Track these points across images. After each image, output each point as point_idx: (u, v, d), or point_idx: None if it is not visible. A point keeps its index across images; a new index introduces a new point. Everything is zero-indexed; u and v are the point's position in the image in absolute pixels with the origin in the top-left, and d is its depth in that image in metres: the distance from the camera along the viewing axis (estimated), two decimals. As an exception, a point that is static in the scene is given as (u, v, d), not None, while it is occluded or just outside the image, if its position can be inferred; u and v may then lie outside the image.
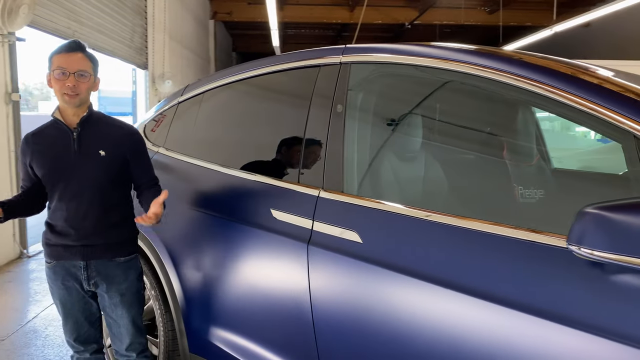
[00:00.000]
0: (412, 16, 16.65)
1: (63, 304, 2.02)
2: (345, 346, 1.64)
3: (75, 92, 1.87)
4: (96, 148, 1.95)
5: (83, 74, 1.88)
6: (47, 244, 2.00)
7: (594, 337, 1.12)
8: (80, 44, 1.92)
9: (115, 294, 2.02)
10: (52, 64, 1.90)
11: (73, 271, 1.98)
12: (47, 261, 2.02)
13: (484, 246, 1.37)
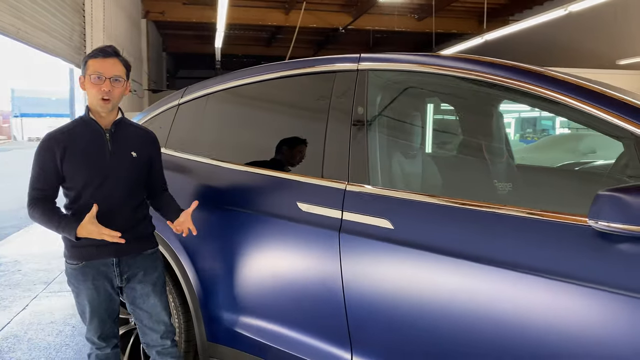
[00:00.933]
0: (346, 21, 17.10)
1: (91, 303, 2.05)
2: (376, 324, 1.85)
3: (109, 96, 1.95)
4: (128, 149, 2.04)
5: (118, 79, 1.96)
6: (74, 246, 2.00)
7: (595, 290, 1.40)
8: (116, 50, 2.00)
9: (147, 284, 2.10)
10: (88, 68, 1.96)
11: (103, 270, 2.03)
12: (73, 263, 2.03)
13: (506, 225, 1.62)
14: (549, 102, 1.70)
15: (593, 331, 1.43)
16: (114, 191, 2.01)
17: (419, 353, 1.77)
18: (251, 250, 2.20)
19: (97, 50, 1.98)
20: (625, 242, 1.40)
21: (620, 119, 1.53)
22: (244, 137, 2.50)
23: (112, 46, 2.02)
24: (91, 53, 1.99)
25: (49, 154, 1.96)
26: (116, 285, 2.08)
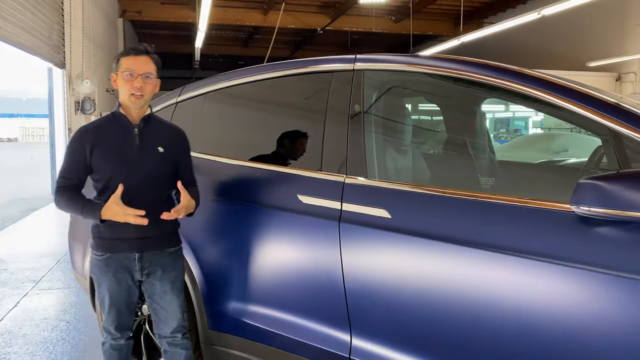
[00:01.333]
0: (324, 22, 17.25)
1: (111, 294, 2.13)
2: (375, 308, 1.98)
3: (141, 92, 2.04)
4: (155, 145, 2.12)
5: (149, 76, 2.06)
6: (100, 237, 2.10)
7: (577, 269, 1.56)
8: (147, 48, 2.09)
9: (166, 282, 2.18)
10: (120, 65, 2.05)
11: (126, 263, 2.11)
12: (98, 254, 2.12)
13: (496, 212, 1.77)
14: (536, 101, 1.86)
15: (576, 305, 1.58)
16: (141, 185, 2.08)
17: (415, 334, 1.90)
18: (253, 241, 2.31)
19: (130, 49, 2.08)
20: (604, 225, 1.56)
21: (599, 116, 1.69)
22: (244, 134, 2.61)
23: (144, 44, 2.11)
24: (124, 51, 2.10)
25: (79, 146, 2.06)
26: (136, 278, 2.16)
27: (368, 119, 2.17)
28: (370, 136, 2.15)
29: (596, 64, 12.12)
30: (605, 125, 1.69)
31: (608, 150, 2.03)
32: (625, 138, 1.71)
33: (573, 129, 11.40)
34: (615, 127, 1.67)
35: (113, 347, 2.22)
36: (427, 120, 2.43)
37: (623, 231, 1.53)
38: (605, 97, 1.75)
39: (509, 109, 16.35)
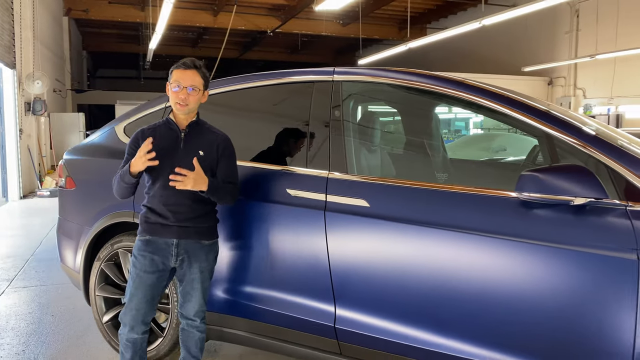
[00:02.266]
0: (275, 24, 17.53)
1: (140, 273, 2.36)
2: (356, 283, 2.35)
3: (185, 102, 2.33)
4: (197, 148, 2.39)
5: (194, 88, 2.34)
6: (146, 221, 2.41)
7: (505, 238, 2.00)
8: (196, 63, 2.36)
9: (195, 270, 2.44)
10: (171, 77, 2.36)
11: (164, 247, 2.38)
12: (142, 235, 2.41)
13: (456, 199, 2.18)
14: (485, 109, 2.28)
15: (518, 270, 2.02)
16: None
17: (390, 303, 2.28)
18: (248, 230, 2.62)
19: (181, 63, 2.36)
20: (540, 208, 2.00)
21: (536, 122, 2.14)
22: (237, 136, 2.91)
23: (193, 59, 2.38)
24: (176, 64, 2.38)
25: (134, 144, 2.41)
26: (170, 265, 2.41)
27: (347, 123, 2.54)
28: (349, 137, 2.52)
29: (530, 69, 13.06)
30: (540, 128, 2.14)
31: (542, 148, 2.50)
32: (555, 139, 2.16)
33: (510, 129, 12.27)
34: (547, 130, 2.12)
35: (129, 340, 2.43)
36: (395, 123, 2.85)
37: (554, 211, 1.97)
38: (540, 106, 2.21)
39: (451, 110, 17.22)
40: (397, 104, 3.11)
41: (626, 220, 1.88)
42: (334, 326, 2.42)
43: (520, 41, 13.98)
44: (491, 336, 2.09)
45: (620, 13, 11.02)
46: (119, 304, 3.10)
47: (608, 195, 1.89)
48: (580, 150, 2.06)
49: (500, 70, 13.44)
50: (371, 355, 2.36)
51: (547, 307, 1.98)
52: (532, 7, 8.38)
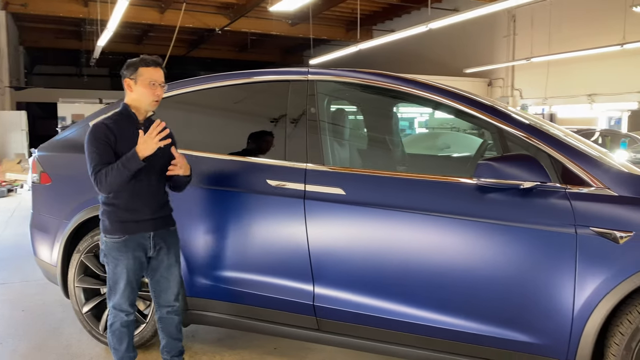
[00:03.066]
0: (223, 22, 17.51)
1: (128, 272, 2.47)
2: (333, 263, 2.60)
3: (159, 99, 2.46)
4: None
5: (163, 85, 2.48)
6: (120, 221, 2.44)
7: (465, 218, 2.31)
8: (160, 61, 2.48)
9: (172, 255, 2.59)
10: (142, 74, 2.41)
11: (142, 242, 2.48)
12: (117, 237, 2.44)
13: (422, 185, 2.47)
14: (449, 108, 2.59)
15: (475, 245, 2.33)
16: (151, 175, 2.48)
17: (364, 280, 2.55)
18: (229, 218, 2.81)
19: (150, 60, 2.44)
20: (494, 191, 2.32)
21: (489, 117, 2.46)
22: (218, 131, 3.09)
23: (158, 57, 2.49)
24: (143, 62, 2.44)
25: (104, 139, 2.37)
26: (149, 255, 2.53)
27: (322, 119, 2.78)
28: (324, 132, 2.76)
29: (471, 70, 13.77)
30: (492, 123, 2.47)
31: (495, 140, 2.84)
32: (505, 132, 2.49)
33: (453, 128, 12.92)
34: (499, 125, 2.46)
35: (123, 324, 2.54)
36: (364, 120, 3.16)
37: (506, 194, 2.30)
38: (497, 106, 2.54)
39: (398, 110, 17.82)
40: (365, 101, 3.37)
41: (566, 200, 2.23)
42: (312, 304, 2.66)
43: (461, 44, 14.69)
44: (454, 305, 2.39)
45: (552, 19, 11.85)
46: (99, 294, 3.20)
47: (551, 179, 2.23)
48: (526, 141, 2.40)
49: (443, 72, 14.07)
50: (346, 328, 2.62)
51: (502, 276, 2.31)
52: (476, 13, 8.92)
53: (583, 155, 2.33)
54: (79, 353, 3.12)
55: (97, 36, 15.84)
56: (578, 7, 11.40)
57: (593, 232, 2.16)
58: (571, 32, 11.74)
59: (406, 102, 2.97)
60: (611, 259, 2.14)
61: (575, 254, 2.19)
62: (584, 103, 12.24)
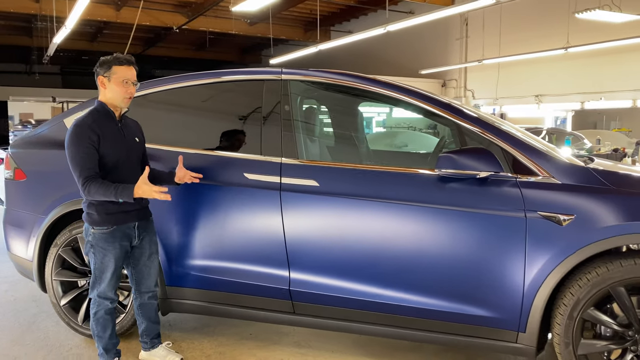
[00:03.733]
0: (180, 21, 17.36)
1: (116, 261, 2.60)
2: (307, 250, 2.79)
3: (131, 96, 2.59)
4: (133, 136, 2.67)
5: (136, 84, 2.60)
6: (108, 213, 2.56)
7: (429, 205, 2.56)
8: (133, 60, 2.60)
9: (153, 244, 2.76)
10: (115, 72, 2.53)
11: (127, 232, 2.63)
12: (104, 228, 2.56)
13: (389, 177, 2.70)
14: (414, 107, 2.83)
15: (436, 230, 2.58)
16: (133, 168, 2.62)
17: (336, 264, 2.75)
18: (208, 210, 2.96)
19: (123, 59, 2.55)
20: (453, 181, 2.57)
21: (449, 115, 2.72)
22: (197, 128, 3.22)
23: (132, 56, 2.62)
24: (117, 60, 2.54)
25: (88, 139, 2.47)
26: (133, 244, 2.68)
27: (295, 116, 2.97)
28: (298, 128, 2.95)
29: (426, 72, 14.23)
30: (453, 120, 2.73)
31: (454, 135, 3.11)
32: (463, 128, 2.76)
33: (410, 127, 13.34)
34: (458, 121, 2.71)
35: (107, 312, 2.68)
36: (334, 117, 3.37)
37: (464, 183, 2.55)
38: (452, 102, 2.79)
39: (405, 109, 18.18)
40: (335, 100, 3.58)
41: (516, 188, 2.51)
42: (289, 289, 2.84)
43: (417, 46, 15.15)
44: (419, 284, 2.64)
45: (502, 23, 12.42)
46: (76, 287, 3.28)
47: (503, 169, 2.51)
48: (481, 136, 2.66)
49: (400, 73, 14.47)
50: (320, 310, 2.82)
51: (462, 258, 2.56)
52: (432, 16, 9.30)
53: (531, 148, 2.61)
54: (57, 344, 3.19)
55: (49, 33, 15.42)
56: (526, 12, 12.00)
57: (540, 216, 2.45)
58: (520, 36, 12.35)
59: (375, 102, 3.19)
60: (555, 240, 2.43)
61: (525, 236, 2.46)
62: (532, 103, 12.89)
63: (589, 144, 9.93)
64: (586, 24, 9.73)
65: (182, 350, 3.07)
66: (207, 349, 3.14)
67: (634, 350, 2.39)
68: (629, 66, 10.84)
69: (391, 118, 14.43)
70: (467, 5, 8.83)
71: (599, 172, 2.53)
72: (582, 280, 2.41)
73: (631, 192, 2.44)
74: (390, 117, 13.64)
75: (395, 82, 2.98)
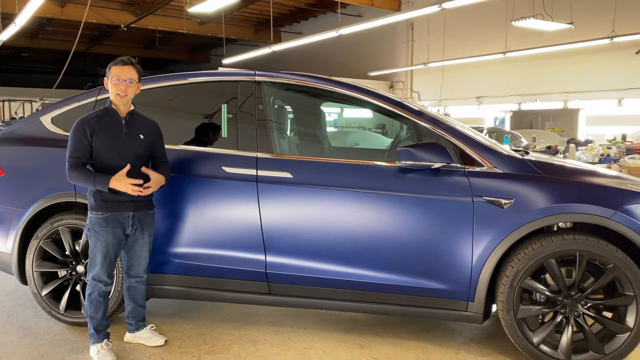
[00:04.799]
0: (128, 19, 17.15)
1: (107, 245, 2.82)
2: (282, 235, 3.09)
3: (125, 93, 2.79)
4: (137, 133, 2.87)
5: (131, 81, 2.81)
6: (103, 200, 2.78)
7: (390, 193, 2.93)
8: (131, 60, 2.82)
9: (146, 235, 2.97)
10: (111, 72, 2.78)
11: (121, 220, 2.84)
12: (99, 214, 2.79)
13: (355, 168, 3.04)
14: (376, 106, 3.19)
15: (396, 214, 2.95)
16: (130, 162, 2.80)
17: (308, 248, 3.06)
18: (189, 201, 3.19)
19: (119, 60, 2.81)
20: (411, 172, 2.94)
21: (406, 114, 3.09)
22: (176, 125, 3.44)
23: (129, 57, 2.84)
24: (114, 62, 2.81)
25: (82, 132, 2.75)
26: (127, 233, 2.89)
27: (269, 114, 3.26)
28: (272, 125, 3.25)
29: (374, 73, 14.79)
30: (411, 119, 3.10)
31: (411, 131, 3.49)
32: (419, 125, 3.13)
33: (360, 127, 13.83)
34: (415, 120, 3.09)
35: (101, 294, 2.89)
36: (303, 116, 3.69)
37: (420, 173, 2.93)
38: (411, 103, 3.17)
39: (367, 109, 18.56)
40: (303, 100, 3.88)
41: (465, 177, 2.90)
42: (265, 272, 3.13)
43: (366, 48, 15.68)
44: (382, 263, 2.99)
45: (446, 28, 13.11)
46: (57, 277, 3.43)
47: (454, 161, 2.90)
48: (435, 132, 3.05)
49: (350, 74, 14.93)
50: (294, 290, 3.13)
51: (419, 238, 2.94)
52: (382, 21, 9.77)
53: (477, 142, 3.02)
54: (41, 332, 3.33)
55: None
56: (468, 19, 12.72)
57: (485, 201, 2.85)
58: (462, 41, 13.08)
59: (342, 103, 3.53)
60: (498, 221, 2.84)
61: (473, 218, 2.86)
62: (474, 104, 13.68)
63: (525, 142, 10.70)
64: (522, 30, 10.49)
65: (163, 332, 3.29)
66: (187, 330, 3.37)
67: (563, 312, 2.84)
68: (560, 70, 11.76)
69: (342, 118, 14.87)
70: (413, 12, 9.36)
71: (533, 163, 2.97)
72: (520, 255, 2.83)
73: (559, 179, 2.89)
74: (342, 117, 14.06)
75: (363, 85, 3.32)
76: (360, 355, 3.04)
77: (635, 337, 2.78)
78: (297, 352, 3.08)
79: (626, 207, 2.75)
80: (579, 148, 8.68)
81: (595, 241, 2.76)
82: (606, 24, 9.83)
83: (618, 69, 10.80)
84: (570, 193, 2.83)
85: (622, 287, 2.78)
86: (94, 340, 2.93)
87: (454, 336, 3.33)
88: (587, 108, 11.79)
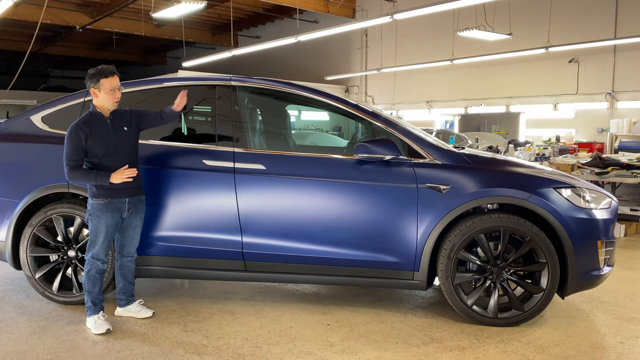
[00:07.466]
0: (83, 20, 17.10)
1: (107, 228, 3.23)
2: (256, 219, 3.58)
3: (118, 100, 3.23)
4: (122, 126, 3.29)
5: (119, 88, 3.24)
6: (104, 188, 3.20)
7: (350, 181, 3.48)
8: (114, 69, 3.23)
9: (139, 218, 3.39)
10: (103, 84, 3.18)
11: (119, 205, 3.26)
12: (100, 200, 3.21)
13: (319, 161, 3.57)
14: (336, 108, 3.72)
15: (354, 199, 3.49)
16: (121, 156, 3.25)
17: (279, 229, 3.56)
18: (173, 191, 3.63)
19: (108, 72, 3.21)
20: (368, 163, 3.49)
21: (362, 114, 3.65)
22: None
23: (112, 66, 3.25)
24: (103, 74, 3.19)
25: (77, 137, 3.15)
26: (123, 216, 3.31)
27: (244, 114, 3.75)
28: (246, 124, 3.73)
29: (331, 78, 15.39)
30: (366, 119, 3.66)
31: (367, 130, 4.05)
32: (374, 124, 3.69)
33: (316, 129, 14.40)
34: (370, 120, 3.65)
35: (98, 271, 3.31)
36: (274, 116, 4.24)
37: (375, 165, 3.49)
38: (367, 106, 3.73)
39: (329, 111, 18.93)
40: (274, 102, 4.38)
41: (411, 168, 3.48)
42: (241, 251, 3.61)
43: (323, 54, 16.28)
44: (344, 241, 3.52)
45: (398, 36, 13.86)
46: (49, 261, 3.78)
47: (402, 154, 3.47)
48: (387, 130, 3.61)
49: (307, 78, 15.48)
50: (267, 267, 3.62)
51: (373, 218, 3.49)
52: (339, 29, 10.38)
53: (421, 139, 3.61)
54: (36, 310, 3.68)
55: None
56: (418, 28, 13.51)
57: (427, 187, 3.43)
58: (413, 48, 13.87)
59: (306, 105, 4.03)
60: (438, 203, 3.43)
61: (417, 201, 3.44)
62: (424, 108, 14.50)
63: (470, 142, 11.54)
64: (467, 40, 11.32)
65: (149, 307, 3.70)
66: (171, 305, 3.80)
67: (491, 278, 3.46)
68: (502, 77, 12.70)
69: (300, 120, 15.40)
70: (367, 22, 10.00)
71: (467, 155, 3.59)
72: (456, 231, 3.43)
73: (487, 168, 3.52)
74: (299, 120, 14.59)
75: (327, 90, 3.86)
76: (324, 319, 3.56)
77: (547, 295, 3.42)
78: (270, 319, 3.57)
79: (539, 191, 3.40)
80: (517, 148, 9.51)
81: (516, 219, 3.39)
82: (542, 35, 10.78)
83: (553, 76, 11.81)
84: (495, 180, 3.45)
85: (537, 255, 3.41)
86: (91, 313, 3.33)
87: (402, 304, 3.90)
88: (526, 112, 12.75)
